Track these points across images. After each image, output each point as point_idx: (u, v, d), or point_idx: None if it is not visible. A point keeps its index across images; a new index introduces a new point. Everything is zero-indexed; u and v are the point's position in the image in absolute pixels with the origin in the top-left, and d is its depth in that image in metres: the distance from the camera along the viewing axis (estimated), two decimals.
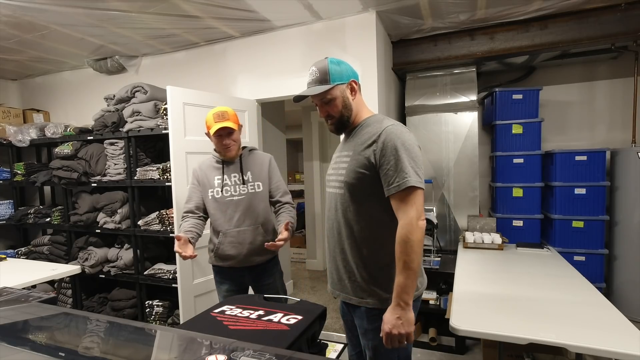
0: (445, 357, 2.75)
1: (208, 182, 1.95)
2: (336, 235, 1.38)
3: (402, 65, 3.32)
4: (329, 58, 1.36)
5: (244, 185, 1.94)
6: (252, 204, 1.94)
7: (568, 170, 3.00)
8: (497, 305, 1.73)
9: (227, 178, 1.94)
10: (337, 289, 1.41)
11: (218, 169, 1.96)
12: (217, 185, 1.93)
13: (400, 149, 1.21)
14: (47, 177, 3.45)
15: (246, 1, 2.46)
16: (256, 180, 1.97)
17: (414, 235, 1.17)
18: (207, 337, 0.75)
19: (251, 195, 1.94)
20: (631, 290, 2.93)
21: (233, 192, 1.92)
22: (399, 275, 1.20)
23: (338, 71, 1.33)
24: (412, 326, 1.21)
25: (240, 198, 1.92)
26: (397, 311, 1.20)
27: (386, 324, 1.21)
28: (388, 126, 1.26)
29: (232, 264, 1.93)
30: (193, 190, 1.99)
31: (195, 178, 1.99)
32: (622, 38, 2.73)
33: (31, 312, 0.91)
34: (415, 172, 1.21)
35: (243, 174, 1.96)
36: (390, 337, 1.21)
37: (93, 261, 3.09)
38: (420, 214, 1.19)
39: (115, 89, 3.32)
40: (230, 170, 1.96)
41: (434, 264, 2.93)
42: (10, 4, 2.39)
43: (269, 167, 2.03)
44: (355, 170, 1.29)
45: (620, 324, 1.50)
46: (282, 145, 4.14)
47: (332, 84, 1.31)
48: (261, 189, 1.97)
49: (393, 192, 1.21)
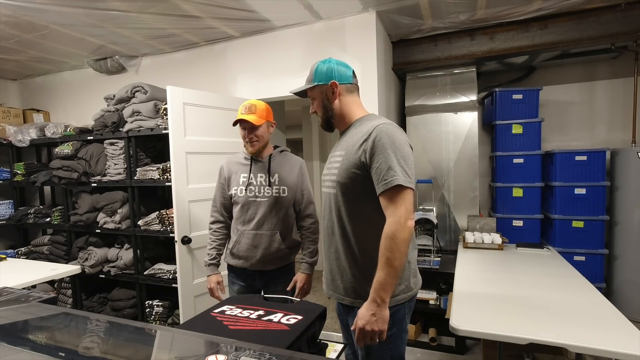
0: (445, 357, 2.75)
1: (234, 178, 1.91)
2: (330, 235, 1.39)
3: (402, 65, 3.32)
4: (326, 59, 1.39)
5: (269, 187, 1.87)
6: (274, 208, 1.87)
7: (568, 170, 3.00)
8: (497, 305, 1.73)
9: (252, 177, 1.88)
10: (331, 290, 1.42)
11: (245, 167, 1.91)
12: (242, 184, 1.88)
13: (390, 148, 1.20)
14: (47, 177, 3.45)
15: (246, 1, 2.46)
16: (282, 184, 1.89)
17: (400, 234, 1.16)
18: (207, 337, 0.75)
19: (275, 199, 1.87)
20: (631, 290, 2.93)
21: (257, 193, 1.86)
22: (379, 271, 1.18)
23: (322, 71, 1.37)
24: (385, 324, 1.20)
25: (263, 200, 1.86)
26: (372, 307, 1.18)
27: (360, 320, 1.20)
28: (379, 125, 1.25)
29: (244, 265, 1.90)
30: (218, 189, 1.97)
31: (221, 175, 1.96)
32: (622, 38, 2.73)
33: (31, 312, 0.91)
34: (405, 171, 1.19)
35: (270, 175, 1.89)
36: (363, 333, 1.20)
37: (93, 261, 3.09)
38: (409, 214, 1.18)
39: (115, 89, 3.32)
40: (257, 170, 1.90)
41: (434, 264, 2.93)
42: (10, 4, 2.39)
43: (299, 173, 1.95)
44: (348, 169, 1.29)
45: (620, 324, 1.50)
46: (282, 145, 4.14)
47: (312, 84, 1.37)
48: (286, 194, 1.89)
49: (381, 190, 1.20)
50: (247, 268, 1.90)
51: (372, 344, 1.22)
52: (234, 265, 1.93)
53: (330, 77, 1.36)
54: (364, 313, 1.20)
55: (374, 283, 1.19)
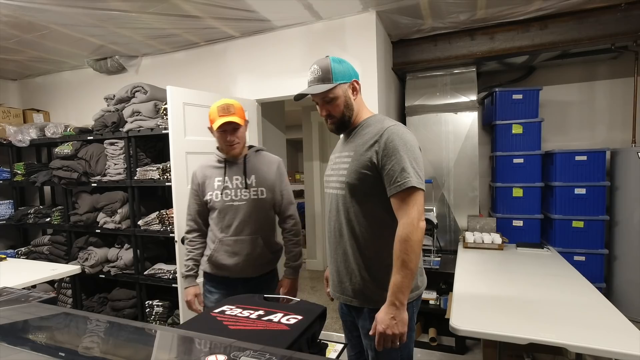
0: (445, 357, 2.75)
1: (209, 182, 1.78)
2: (338, 237, 1.37)
3: (402, 65, 3.32)
4: (330, 57, 1.34)
5: (246, 190, 1.76)
6: (254, 211, 1.76)
7: (568, 170, 3.00)
8: (497, 305, 1.73)
9: (228, 180, 1.76)
10: (338, 292, 1.40)
11: (219, 170, 1.79)
12: (217, 188, 1.76)
13: (402, 149, 1.21)
14: (47, 177, 3.45)
15: (246, 1, 2.46)
16: (260, 185, 1.79)
17: (414, 235, 1.17)
18: (207, 337, 0.75)
19: (253, 201, 1.76)
20: (631, 290, 2.93)
21: (234, 197, 1.75)
22: (395, 274, 1.18)
23: (340, 70, 1.31)
24: (405, 326, 1.20)
25: (240, 204, 1.75)
26: (391, 311, 1.18)
27: (380, 324, 1.19)
28: (390, 126, 1.26)
29: (226, 274, 1.78)
30: (191, 196, 1.84)
31: (194, 181, 1.83)
32: (622, 38, 2.73)
33: (31, 312, 0.91)
34: (417, 172, 1.20)
35: (246, 177, 1.78)
36: (384, 338, 1.19)
37: (93, 261, 3.09)
38: (421, 215, 1.19)
39: (115, 89, 3.32)
40: (232, 172, 1.78)
41: (434, 264, 2.93)
42: (10, 4, 2.38)
43: (277, 172, 1.85)
44: (358, 170, 1.28)
45: (620, 324, 1.50)
46: (282, 145, 4.14)
47: (335, 83, 1.29)
48: (265, 195, 1.79)
49: (394, 192, 1.21)
50: (229, 276, 1.78)
51: (394, 347, 1.21)
52: (214, 273, 1.81)
53: (350, 75, 1.33)
54: (383, 317, 1.19)
55: (391, 286, 1.19)
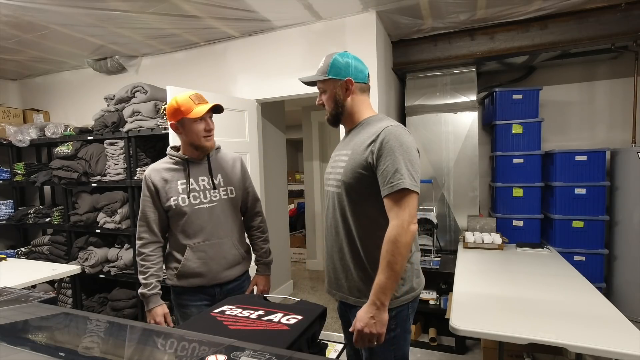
0: (445, 357, 2.75)
1: (170, 187, 1.60)
2: (334, 234, 1.38)
3: (402, 65, 3.32)
4: (343, 52, 1.37)
5: (215, 191, 1.65)
6: (225, 212, 1.67)
7: (568, 170, 3.00)
8: (497, 305, 1.73)
9: (193, 182, 1.62)
10: (334, 288, 1.41)
11: (180, 172, 1.62)
12: (182, 192, 1.60)
13: (398, 150, 1.20)
14: (47, 177, 3.45)
15: (246, 1, 2.46)
16: (229, 184, 1.70)
17: (403, 238, 1.16)
18: (207, 337, 0.75)
19: (224, 202, 1.67)
20: (631, 290, 2.93)
21: (203, 199, 1.62)
22: (380, 274, 1.17)
23: (338, 66, 1.33)
24: (384, 327, 1.19)
25: (211, 205, 1.63)
26: (371, 310, 1.18)
27: (359, 322, 1.20)
28: (388, 126, 1.25)
29: (200, 282, 1.64)
30: (146, 205, 1.63)
31: (149, 188, 1.62)
32: (622, 38, 2.73)
33: (31, 312, 0.91)
34: (411, 174, 1.19)
35: (213, 177, 1.66)
36: (361, 336, 1.19)
37: (93, 261, 3.09)
38: (412, 218, 1.18)
39: (115, 89, 3.32)
40: (196, 173, 1.64)
41: (434, 264, 2.93)
42: (10, 4, 2.38)
43: (241, 170, 1.77)
44: (354, 169, 1.29)
45: (620, 324, 1.50)
46: (282, 145, 4.15)
47: (325, 77, 1.34)
48: (234, 194, 1.71)
49: (387, 193, 1.20)
50: (204, 285, 1.65)
51: (371, 346, 1.22)
52: (186, 286, 1.65)
53: (346, 73, 1.33)
54: (362, 315, 1.20)
55: (374, 286, 1.18)
